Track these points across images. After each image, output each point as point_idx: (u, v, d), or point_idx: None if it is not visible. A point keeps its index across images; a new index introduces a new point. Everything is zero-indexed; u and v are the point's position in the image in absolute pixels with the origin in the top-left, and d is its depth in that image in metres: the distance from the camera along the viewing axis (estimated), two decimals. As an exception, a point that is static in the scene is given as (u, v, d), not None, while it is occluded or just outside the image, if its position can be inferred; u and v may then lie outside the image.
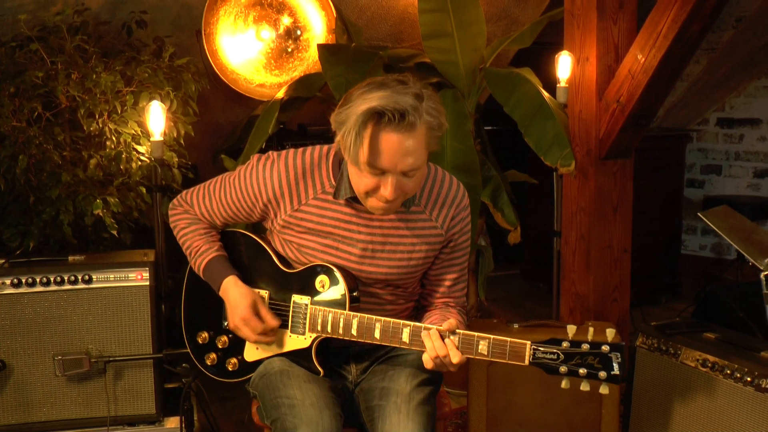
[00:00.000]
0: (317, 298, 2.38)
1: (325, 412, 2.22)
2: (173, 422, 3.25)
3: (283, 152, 2.38)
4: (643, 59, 3.53)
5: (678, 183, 6.07)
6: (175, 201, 2.62)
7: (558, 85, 3.98)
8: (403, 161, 2.12)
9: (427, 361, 2.21)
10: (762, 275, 2.34)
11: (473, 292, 4.27)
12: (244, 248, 2.57)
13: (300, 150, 2.38)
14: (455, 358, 2.18)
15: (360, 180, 2.19)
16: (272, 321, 2.39)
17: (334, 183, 2.33)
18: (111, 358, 3.14)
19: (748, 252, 2.46)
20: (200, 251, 2.52)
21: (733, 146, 6.34)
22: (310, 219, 2.35)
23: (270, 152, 2.41)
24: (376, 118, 2.08)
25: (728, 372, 2.84)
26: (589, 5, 3.80)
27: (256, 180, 2.36)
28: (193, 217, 2.57)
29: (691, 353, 2.99)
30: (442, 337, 2.20)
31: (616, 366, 2.11)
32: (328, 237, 2.36)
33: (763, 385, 2.73)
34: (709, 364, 2.91)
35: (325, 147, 2.38)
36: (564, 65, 3.94)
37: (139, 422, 3.24)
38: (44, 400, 3.15)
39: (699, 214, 2.64)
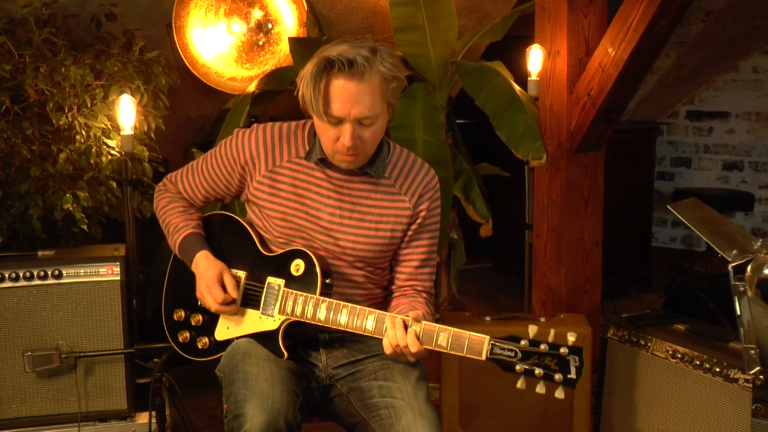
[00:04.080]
0: (291, 281, 2.40)
1: (278, 387, 2.23)
2: (145, 417, 3.24)
3: (263, 123, 2.48)
4: (614, 52, 3.55)
5: (648, 175, 6.11)
6: (161, 183, 2.68)
7: (529, 79, 3.98)
8: (355, 108, 2.23)
9: (387, 346, 2.24)
10: (730, 267, 2.35)
11: (445, 286, 4.28)
12: (228, 230, 2.59)
13: (279, 122, 2.49)
14: (413, 347, 2.21)
15: (323, 133, 2.31)
16: (233, 291, 2.42)
17: (307, 147, 2.43)
18: (82, 354, 3.13)
19: (717, 244, 2.47)
20: (177, 227, 2.55)
21: (702, 139, 6.40)
22: (283, 180, 2.42)
23: (254, 125, 2.50)
24: (329, 67, 2.22)
25: (698, 363, 2.87)
26: (560, -1, 3.82)
27: (235, 146, 2.46)
28: (175, 195, 2.62)
29: (662, 344, 3.02)
30: (406, 327, 2.22)
31: (573, 370, 2.08)
32: (298, 201, 2.42)
33: (731, 376, 2.76)
34: (679, 355, 2.94)
35: (303, 120, 2.49)
36: (535, 58, 3.95)
37: (111, 418, 3.23)
38: (14, 396, 3.13)
39: (668, 206, 2.65)
